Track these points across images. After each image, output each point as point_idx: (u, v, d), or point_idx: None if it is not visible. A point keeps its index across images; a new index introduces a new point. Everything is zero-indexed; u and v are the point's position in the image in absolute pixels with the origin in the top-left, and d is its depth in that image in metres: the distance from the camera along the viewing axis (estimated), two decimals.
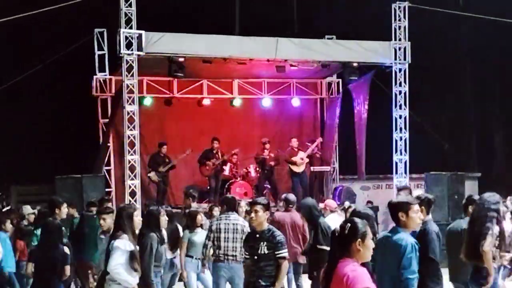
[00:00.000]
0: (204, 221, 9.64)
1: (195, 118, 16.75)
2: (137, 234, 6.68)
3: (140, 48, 12.91)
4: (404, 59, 14.52)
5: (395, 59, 14.48)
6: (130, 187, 13.06)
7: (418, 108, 16.54)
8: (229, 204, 8.50)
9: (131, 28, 12.86)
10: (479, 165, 22.20)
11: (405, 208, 5.42)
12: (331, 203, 10.59)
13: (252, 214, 6.78)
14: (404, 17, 14.48)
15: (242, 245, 7.47)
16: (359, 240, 4.28)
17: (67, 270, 7.96)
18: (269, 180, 15.80)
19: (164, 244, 8.27)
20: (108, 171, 15.67)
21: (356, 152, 16.05)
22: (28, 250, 9.49)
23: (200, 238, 8.92)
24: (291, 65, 14.56)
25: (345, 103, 16.82)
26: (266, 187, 15.78)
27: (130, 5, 12.86)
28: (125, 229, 6.34)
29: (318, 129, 17.82)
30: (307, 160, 15.49)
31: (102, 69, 15.88)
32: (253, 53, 13.94)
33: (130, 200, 12.85)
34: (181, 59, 13.31)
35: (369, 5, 18.39)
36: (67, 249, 8.10)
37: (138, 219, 6.65)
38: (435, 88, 23.33)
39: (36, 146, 19.37)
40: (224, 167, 15.37)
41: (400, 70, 14.59)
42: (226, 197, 9.21)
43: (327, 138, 17.04)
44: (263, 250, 6.66)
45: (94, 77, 15.91)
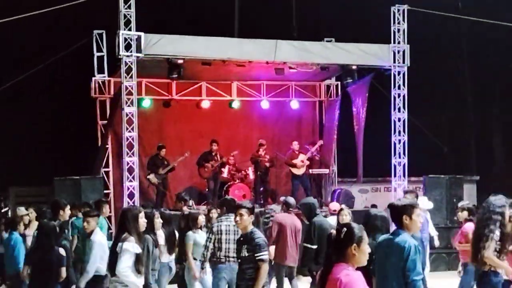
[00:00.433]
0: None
1: (194, 120, 16.74)
2: None
3: (139, 50, 12.90)
4: (403, 62, 14.53)
5: (394, 62, 14.48)
6: (129, 189, 13.06)
7: (417, 111, 16.54)
8: (229, 206, 8.49)
9: (130, 30, 12.86)
10: (478, 169, 22.20)
11: (410, 211, 5.41)
12: (332, 205, 10.74)
13: (237, 218, 6.80)
14: (403, 20, 14.48)
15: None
16: (355, 245, 4.29)
17: (63, 272, 7.93)
18: (263, 181, 15.78)
19: (158, 247, 8.28)
20: (107, 173, 15.64)
21: (356, 155, 16.04)
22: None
23: (202, 240, 8.94)
24: (290, 68, 14.55)
25: (344, 106, 16.82)
26: (263, 189, 15.73)
27: (129, 7, 12.86)
28: (131, 231, 6.33)
29: (317, 132, 17.80)
30: (308, 163, 15.47)
31: (101, 71, 15.87)
32: (252, 55, 13.93)
33: (129, 202, 12.84)
34: (180, 61, 13.29)
35: (368, 8, 18.41)
36: (63, 251, 8.06)
37: (143, 221, 6.65)
38: (434, 91, 23.34)
39: (35, 148, 19.39)
40: (223, 169, 15.36)
41: (399, 73, 14.60)
42: (226, 199, 9.21)
43: (326, 141, 17.01)
44: (244, 253, 6.70)
45: (93, 79, 15.89)
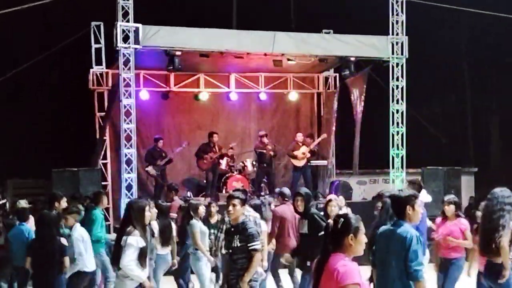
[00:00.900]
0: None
1: (192, 112, 16.74)
2: None
3: (137, 42, 12.87)
4: (402, 54, 14.51)
5: (393, 54, 14.47)
6: (126, 181, 13.05)
7: (415, 103, 16.55)
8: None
9: (128, 22, 12.82)
10: (476, 160, 22.26)
11: (413, 202, 5.41)
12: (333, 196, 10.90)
13: (230, 208, 6.79)
14: (402, 12, 14.45)
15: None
16: (352, 235, 4.31)
17: (67, 262, 7.88)
18: (268, 174, 15.74)
19: (154, 238, 8.35)
20: (105, 165, 15.61)
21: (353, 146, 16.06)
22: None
23: (205, 229, 9.05)
24: (288, 59, 14.51)
25: (343, 98, 16.81)
26: (264, 181, 15.71)
27: None
28: (135, 224, 6.37)
29: (315, 124, 17.78)
30: (309, 155, 15.41)
31: (99, 63, 15.81)
32: (250, 47, 13.90)
33: (127, 194, 12.84)
34: (178, 53, 13.26)
35: (367, 0, 18.36)
36: (65, 241, 8.01)
37: (148, 214, 6.72)
38: (433, 83, 23.37)
39: (33, 140, 19.40)
40: (221, 161, 15.33)
41: (398, 65, 14.58)
42: (237, 189, 9.28)
43: (324, 132, 16.99)
44: (236, 243, 6.71)
45: (91, 71, 15.82)
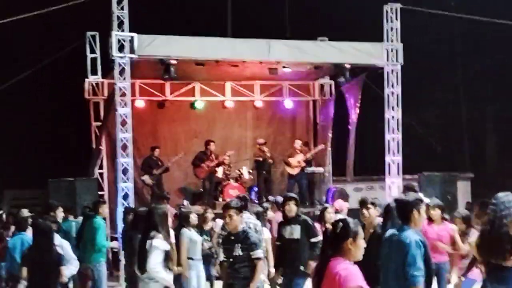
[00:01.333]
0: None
1: (188, 121, 16.75)
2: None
3: (133, 51, 12.85)
4: (397, 60, 14.54)
5: (387, 61, 14.50)
6: (123, 190, 13.01)
7: (411, 109, 16.58)
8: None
9: (124, 31, 12.81)
10: (472, 166, 22.29)
11: (419, 206, 5.40)
12: (336, 204, 10.93)
13: (227, 219, 6.80)
14: (396, 19, 14.50)
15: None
16: (351, 239, 4.31)
17: (63, 271, 7.80)
18: (266, 181, 15.75)
19: None
20: (101, 174, 15.61)
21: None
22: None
23: (197, 238, 9.01)
24: (284, 67, 14.53)
25: (338, 105, 16.84)
26: (267, 189, 15.67)
27: (123, 8, 12.80)
28: (159, 229, 6.45)
29: (311, 131, 17.80)
30: (303, 164, 15.41)
31: (95, 72, 15.82)
32: (246, 55, 13.90)
33: (123, 203, 12.80)
34: (174, 62, 13.25)
35: (361, 7, 18.45)
36: (61, 250, 7.97)
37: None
38: (428, 89, 23.43)
39: (29, 150, 19.38)
40: (217, 169, 15.33)
41: (393, 72, 14.60)
42: (238, 196, 9.24)
43: (321, 140, 17.04)
44: (238, 252, 6.72)
45: (87, 80, 15.84)
